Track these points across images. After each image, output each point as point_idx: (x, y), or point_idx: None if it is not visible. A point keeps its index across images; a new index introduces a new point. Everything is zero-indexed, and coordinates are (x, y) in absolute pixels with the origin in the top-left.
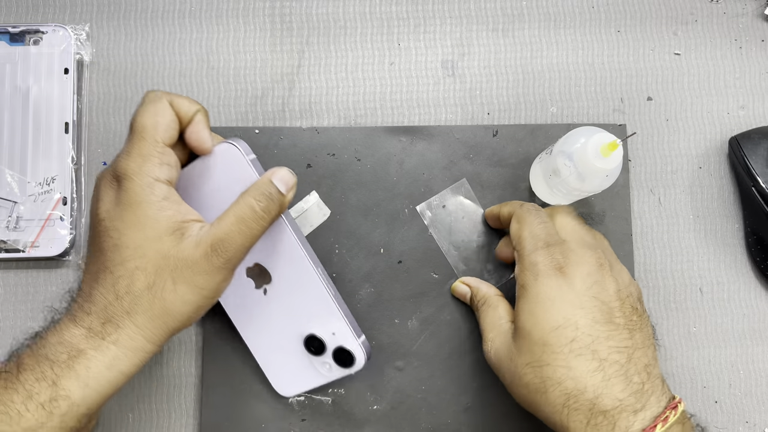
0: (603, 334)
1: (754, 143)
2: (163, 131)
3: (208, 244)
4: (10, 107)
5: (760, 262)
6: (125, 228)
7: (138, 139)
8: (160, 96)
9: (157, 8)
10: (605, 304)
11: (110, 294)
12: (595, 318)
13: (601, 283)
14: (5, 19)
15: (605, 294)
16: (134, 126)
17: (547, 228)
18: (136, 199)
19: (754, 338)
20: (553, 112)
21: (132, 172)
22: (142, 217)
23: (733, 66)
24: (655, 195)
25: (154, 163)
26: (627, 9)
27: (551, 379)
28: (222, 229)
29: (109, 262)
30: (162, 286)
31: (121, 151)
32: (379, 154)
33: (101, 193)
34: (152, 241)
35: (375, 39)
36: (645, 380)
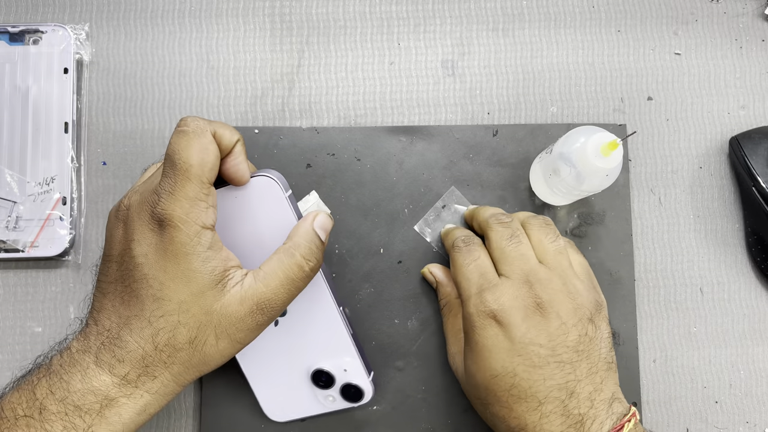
0: (541, 377)
1: (755, 143)
2: (209, 171)
3: (254, 302)
4: (9, 107)
5: (760, 262)
6: (168, 280)
7: (183, 180)
8: (204, 128)
9: (157, 8)
10: (543, 346)
11: (148, 345)
12: (533, 363)
13: (538, 326)
14: (5, 18)
15: (543, 336)
16: (177, 162)
17: (479, 266)
18: (182, 251)
19: (754, 338)
20: (553, 111)
21: (178, 219)
22: (187, 270)
23: (734, 66)
24: (656, 195)
25: (201, 208)
26: (627, 9)
27: (497, 416)
28: (270, 288)
29: (148, 311)
30: (203, 340)
31: (159, 187)
32: (379, 154)
33: (136, 232)
34: (196, 296)
35: (375, 39)
36: (586, 411)
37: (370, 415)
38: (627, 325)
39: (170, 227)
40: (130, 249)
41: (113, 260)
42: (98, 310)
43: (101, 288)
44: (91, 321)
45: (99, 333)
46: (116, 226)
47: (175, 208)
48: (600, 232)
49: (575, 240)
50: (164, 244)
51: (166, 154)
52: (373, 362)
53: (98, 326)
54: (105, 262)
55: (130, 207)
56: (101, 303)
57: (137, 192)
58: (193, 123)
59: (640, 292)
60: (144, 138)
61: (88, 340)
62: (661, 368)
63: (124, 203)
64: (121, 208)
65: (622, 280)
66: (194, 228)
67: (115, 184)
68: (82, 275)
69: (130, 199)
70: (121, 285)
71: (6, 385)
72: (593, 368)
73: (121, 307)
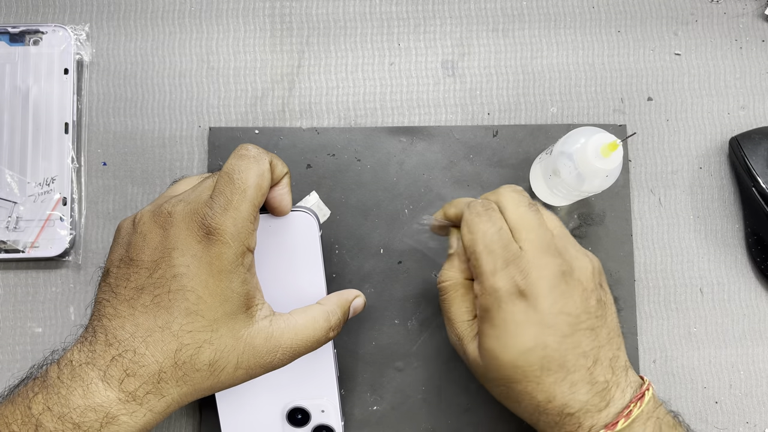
0: (571, 346)
1: (755, 143)
2: (261, 195)
3: (279, 344)
4: (9, 107)
5: (760, 262)
6: (207, 296)
7: (240, 199)
8: (263, 156)
9: (157, 8)
10: (571, 315)
11: (168, 360)
12: (563, 333)
13: (565, 293)
14: (5, 19)
15: (571, 304)
16: (236, 181)
17: (502, 237)
18: (227, 268)
19: (754, 338)
20: (553, 112)
21: (230, 236)
22: (227, 289)
23: (734, 66)
24: (656, 195)
25: (251, 229)
26: (627, 9)
27: (523, 392)
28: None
29: (176, 325)
30: (223, 366)
31: (212, 200)
32: (379, 154)
33: (180, 241)
34: (228, 316)
35: (375, 39)
36: (609, 377)
37: (370, 415)
38: (627, 325)
39: (220, 242)
40: (169, 257)
41: (142, 266)
42: (110, 318)
43: (118, 294)
44: (99, 329)
45: (109, 344)
46: (152, 231)
47: (228, 225)
48: (600, 232)
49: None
50: (210, 258)
51: (223, 172)
52: (373, 363)
53: (108, 336)
54: (128, 266)
55: (173, 214)
56: (115, 310)
57: (182, 201)
58: (254, 149)
59: (640, 292)
60: (144, 138)
61: (94, 351)
62: (661, 368)
63: (165, 209)
64: (162, 213)
65: (622, 280)
66: (241, 248)
67: (116, 184)
68: (82, 276)
69: (174, 206)
70: (148, 294)
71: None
72: (611, 333)
73: (143, 316)
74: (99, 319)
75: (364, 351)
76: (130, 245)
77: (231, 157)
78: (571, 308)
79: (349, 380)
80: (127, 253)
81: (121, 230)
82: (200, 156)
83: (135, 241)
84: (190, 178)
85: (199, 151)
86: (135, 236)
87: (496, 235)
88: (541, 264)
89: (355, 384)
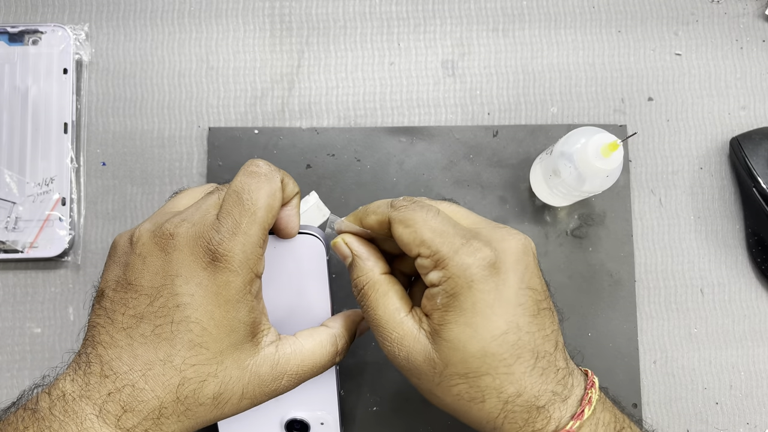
0: (537, 327)
1: (755, 144)
2: (272, 217)
3: (285, 371)
4: (9, 107)
5: (761, 263)
6: (213, 327)
7: (250, 222)
8: (275, 174)
9: (156, 8)
10: (536, 290)
11: (169, 395)
12: (531, 312)
13: (529, 267)
14: (4, 19)
15: (535, 279)
16: (246, 202)
17: (446, 218)
18: (234, 297)
19: (755, 339)
20: (553, 112)
21: (238, 263)
22: (234, 320)
23: (734, 66)
24: (656, 195)
25: (259, 254)
26: (628, 9)
27: (490, 387)
28: (304, 364)
29: (179, 358)
30: (228, 398)
31: (219, 223)
32: (379, 154)
33: (184, 267)
34: (234, 347)
35: (375, 39)
36: (566, 364)
37: (370, 417)
38: (627, 326)
39: (227, 270)
40: (172, 285)
41: (142, 292)
42: (105, 347)
43: (114, 320)
44: (93, 358)
45: (105, 376)
46: (152, 253)
47: (236, 251)
48: (600, 232)
49: (576, 241)
50: (216, 287)
51: (231, 190)
52: (373, 363)
53: (104, 367)
54: (125, 290)
55: (176, 236)
56: (112, 338)
57: (185, 220)
58: (265, 166)
59: (641, 293)
60: (143, 138)
61: (89, 383)
62: (661, 369)
63: (167, 229)
64: (163, 234)
65: (622, 281)
66: (250, 275)
67: (115, 184)
68: (81, 276)
69: (177, 227)
70: (148, 323)
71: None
72: (556, 315)
73: (142, 348)
74: (93, 347)
75: (364, 351)
76: (127, 267)
77: (240, 173)
78: (535, 283)
79: (349, 380)
80: (125, 276)
81: (117, 248)
82: (199, 156)
83: (133, 263)
84: (191, 190)
85: (199, 151)
86: (133, 257)
87: (438, 218)
88: (500, 236)
89: (355, 384)
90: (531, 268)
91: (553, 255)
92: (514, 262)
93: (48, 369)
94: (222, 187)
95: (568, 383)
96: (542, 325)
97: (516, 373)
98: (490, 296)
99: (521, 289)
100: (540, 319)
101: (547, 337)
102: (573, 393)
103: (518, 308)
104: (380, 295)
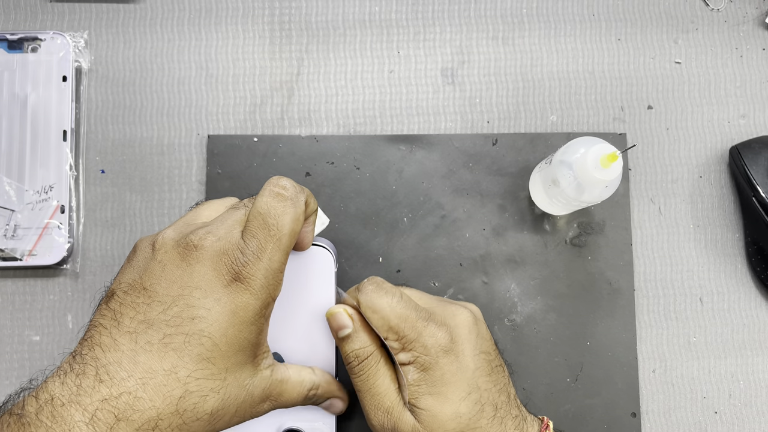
0: (493, 383)
1: (755, 152)
2: (294, 241)
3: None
4: (8, 115)
5: (760, 272)
6: (224, 344)
7: (275, 247)
8: (301, 197)
9: (156, 15)
10: (489, 353)
11: (169, 407)
12: (487, 372)
13: (480, 335)
14: (3, 26)
15: (485, 344)
16: (272, 226)
17: (407, 302)
18: (249, 319)
19: (754, 348)
20: (553, 120)
21: (259, 287)
22: (245, 340)
23: (734, 74)
24: (656, 204)
25: (279, 279)
26: (627, 17)
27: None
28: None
29: (185, 371)
30: (223, 415)
31: (245, 244)
32: (379, 162)
33: (205, 281)
34: (238, 365)
35: (374, 47)
36: (519, 411)
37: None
38: (626, 334)
39: (247, 292)
40: (190, 296)
41: (156, 298)
42: (105, 349)
43: (120, 323)
44: (89, 360)
45: (100, 380)
46: (173, 261)
47: (259, 275)
48: (600, 241)
49: (575, 250)
50: (234, 307)
51: (256, 212)
52: None
53: (100, 371)
54: (138, 294)
55: (200, 248)
56: (114, 341)
57: (210, 233)
58: (291, 189)
59: (640, 301)
60: (143, 146)
61: (80, 386)
62: (660, 378)
63: (191, 240)
64: (188, 244)
65: (621, 289)
66: (267, 299)
67: (114, 192)
68: (80, 284)
69: (202, 239)
70: (157, 331)
71: None
72: (506, 368)
73: (146, 355)
74: (91, 347)
75: None
76: (146, 271)
77: (265, 192)
78: (486, 347)
79: (349, 384)
80: (141, 280)
81: (138, 252)
82: (199, 164)
83: (152, 269)
84: (213, 202)
85: (198, 158)
86: (153, 263)
87: (401, 303)
88: (451, 312)
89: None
90: (482, 334)
91: (552, 264)
92: (467, 333)
93: (37, 372)
94: (246, 203)
95: (523, 428)
96: (497, 381)
97: (483, 426)
98: (453, 367)
99: (476, 355)
100: (494, 376)
101: (501, 390)
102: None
103: (476, 371)
104: (380, 366)
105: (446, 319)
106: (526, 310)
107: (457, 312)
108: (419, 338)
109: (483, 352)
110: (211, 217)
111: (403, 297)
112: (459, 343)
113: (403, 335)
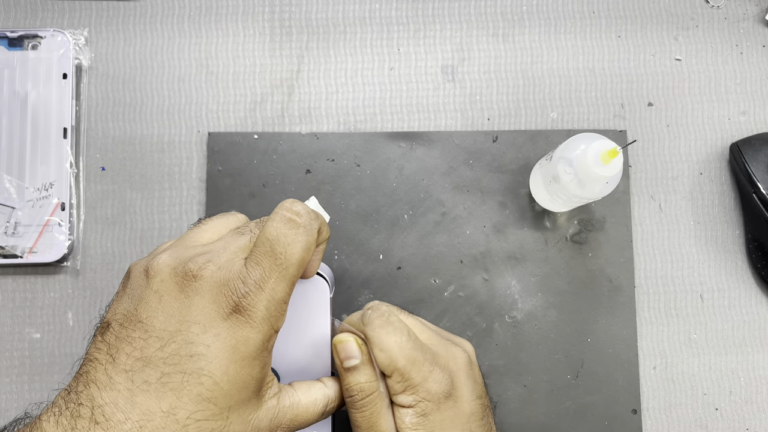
0: (486, 427)
1: (755, 149)
2: (302, 270)
3: (281, 424)
4: (8, 112)
5: (761, 268)
6: (225, 383)
7: (280, 277)
8: (314, 225)
9: (156, 13)
10: (482, 398)
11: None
12: (480, 416)
13: (475, 379)
14: (3, 23)
15: (479, 388)
16: (279, 255)
17: (415, 342)
18: (251, 354)
19: (754, 345)
20: (553, 117)
21: (261, 320)
22: (247, 377)
23: (734, 71)
24: (656, 201)
25: (283, 311)
26: (627, 14)
27: None
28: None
29: (184, 412)
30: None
31: (247, 274)
32: (379, 159)
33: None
34: (242, 403)
35: (375, 44)
36: None
37: None
38: (627, 331)
39: (248, 326)
40: (188, 332)
41: (153, 333)
42: (101, 388)
43: (116, 359)
44: (84, 399)
45: (95, 422)
46: (170, 292)
47: (260, 307)
48: (600, 238)
49: (575, 246)
50: (236, 342)
51: (264, 238)
52: None
53: (95, 412)
54: (134, 327)
55: (199, 278)
56: (110, 379)
57: (210, 262)
58: (305, 216)
59: (640, 298)
60: (143, 143)
61: (75, 428)
62: (661, 375)
63: (190, 269)
64: (186, 274)
65: (622, 286)
66: (270, 332)
67: (114, 189)
68: (80, 281)
69: (201, 269)
70: (155, 369)
71: None
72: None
73: (143, 395)
74: (87, 385)
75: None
76: (141, 301)
77: (276, 217)
78: (480, 391)
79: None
80: (136, 311)
81: (132, 278)
82: (199, 161)
83: (147, 299)
84: (216, 221)
85: (198, 156)
86: (148, 292)
87: (410, 343)
88: (452, 355)
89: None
90: (477, 379)
91: (552, 261)
92: (465, 378)
93: (32, 405)
94: (252, 227)
95: None
96: (488, 425)
97: None
98: (451, 413)
99: (473, 400)
100: (485, 419)
101: (490, 431)
102: None
103: (471, 416)
104: (384, 404)
105: (449, 362)
106: (526, 307)
107: (458, 354)
108: (424, 383)
109: (478, 398)
110: (212, 239)
111: (410, 336)
112: (458, 388)
113: (408, 378)
